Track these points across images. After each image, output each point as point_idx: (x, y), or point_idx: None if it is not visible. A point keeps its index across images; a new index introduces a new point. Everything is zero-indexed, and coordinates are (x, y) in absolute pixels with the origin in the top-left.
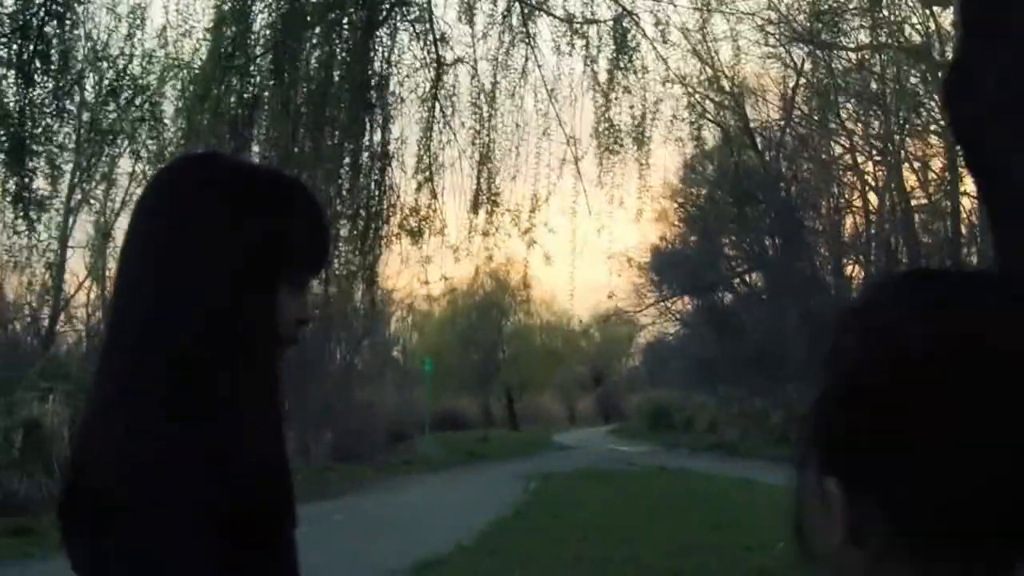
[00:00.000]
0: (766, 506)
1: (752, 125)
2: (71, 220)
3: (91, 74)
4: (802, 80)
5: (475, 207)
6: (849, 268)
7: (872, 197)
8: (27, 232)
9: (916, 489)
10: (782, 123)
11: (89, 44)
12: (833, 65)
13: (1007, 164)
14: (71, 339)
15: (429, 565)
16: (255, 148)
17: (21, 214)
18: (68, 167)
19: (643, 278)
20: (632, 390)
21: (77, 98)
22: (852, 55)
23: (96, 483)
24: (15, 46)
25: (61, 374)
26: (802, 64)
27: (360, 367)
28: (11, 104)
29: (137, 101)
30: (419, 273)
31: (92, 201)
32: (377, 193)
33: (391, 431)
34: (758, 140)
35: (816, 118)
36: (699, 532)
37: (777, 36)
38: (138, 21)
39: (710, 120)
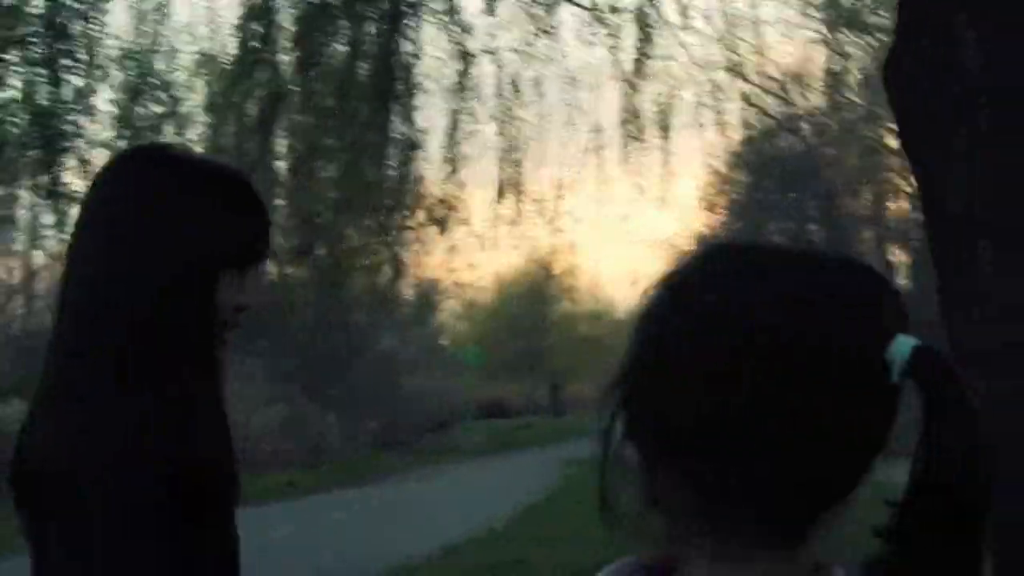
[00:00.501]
0: None
1: (798, 111)
2: None
3: (118, 71)
4: (848, 64)
5: (501, 195)
6: (894, 254)
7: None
8: (57, 226)
9: (713, 457)
10: (827, 108)
11: (114, 42)
12: (879, 49)
13: (930, 150)
14: None
15: (454, 550)
16: (281, 139)
17: (52, 208)
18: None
19: None
20: None
21: (106, 95)
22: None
23: (44, 465)
24: (44, 46)
25: None
26: (844, 50)
27: (407, 355)
28: (42, 101)
29: (162, 97)
30: (452, 261)
31: None
32: (402, 183)
33: (435, 418)
34: (804, 125)
35: (861, 102)
36: None
37: (823, 20)
38: (162, 19)
39: (751, 106)
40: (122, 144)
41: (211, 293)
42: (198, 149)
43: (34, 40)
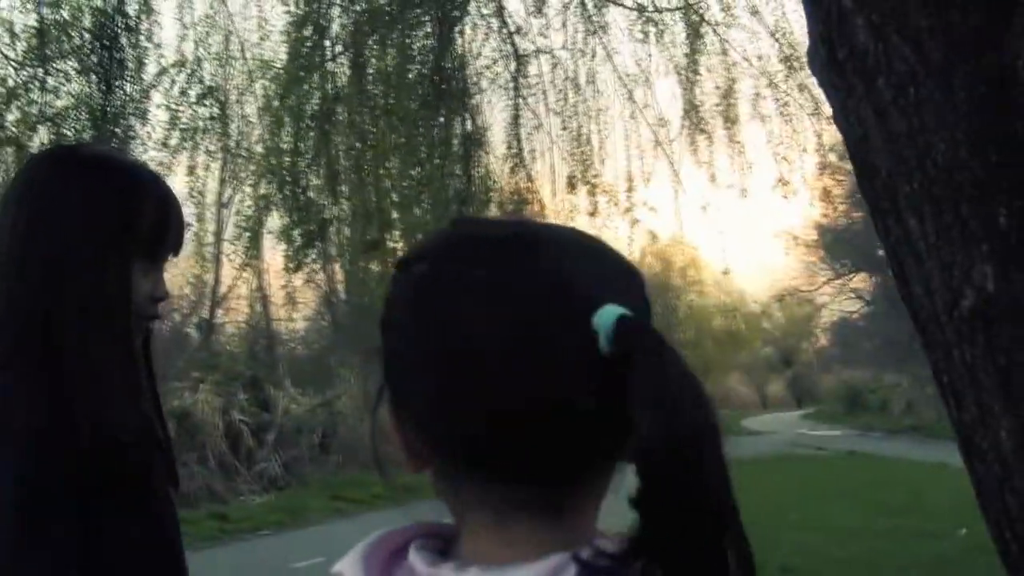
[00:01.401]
0: (954, 491)
1: None
2: (223, 214)
3: (168, 78)
4: None
5: (571, 187)
6: None
7: None
8: None
9: (444, 428)
10: None
11: (160, 51)
12: None
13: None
14: (229, 330)
15: None
16: (337, 140)
17: None
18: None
19: (813, 256)
20: (824, 371)
21: (158, 100)
22: None
23: None
24: (94, 55)
25: (212, 364)
26: None
27: None
28: (96, 107)
29: (207, 102)
30: None
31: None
32: (468, 177)
33: None
34: None
35: None
36: (874, 518)
37: None
38: (211, 29)
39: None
40: (174, 144)
41: (120, 283)
42: (256, 149)
43: (87, 52)
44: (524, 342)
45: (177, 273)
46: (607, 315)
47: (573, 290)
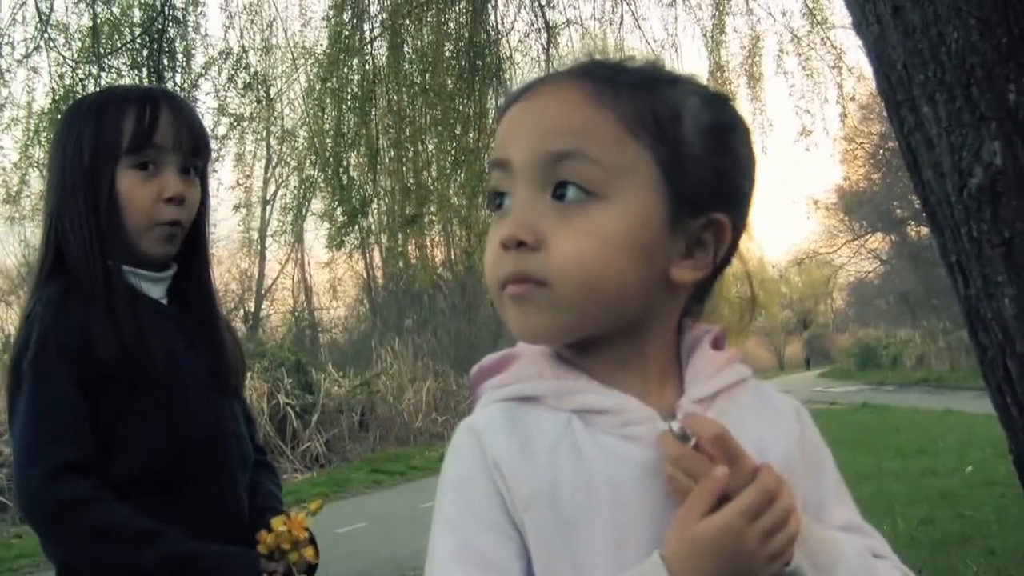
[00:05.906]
0: (962, 434)
1: None
2: (268, 210)
3: (214, 68)
4: None
5: None
6: None
7: None
8: None
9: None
10: None
11: (207, 41)
12: None
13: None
14: (274, 322)
15: None
16: (377, 120)
17: None
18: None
19: (833, 219)
20: (840, 331)
21: (206, 88)
22: None
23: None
24: (145, 50)
25: (259, 352)
26: None
27: None
28: None
29: (258, 87)
30: None
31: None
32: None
33: None
34: None
35: None
36: (884, 461)
37: None
38: (253, 17)
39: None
40: (222, 131)
41: (110, 185)
42: (300, 133)
43: (136, 47)
44: None
45: (224, 270)
46: None
47: None
